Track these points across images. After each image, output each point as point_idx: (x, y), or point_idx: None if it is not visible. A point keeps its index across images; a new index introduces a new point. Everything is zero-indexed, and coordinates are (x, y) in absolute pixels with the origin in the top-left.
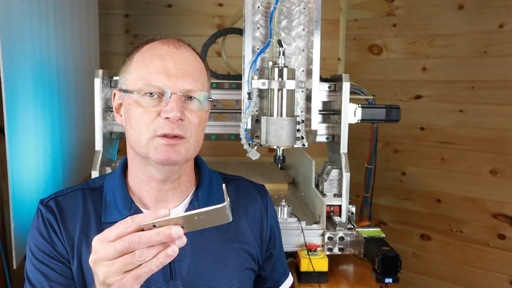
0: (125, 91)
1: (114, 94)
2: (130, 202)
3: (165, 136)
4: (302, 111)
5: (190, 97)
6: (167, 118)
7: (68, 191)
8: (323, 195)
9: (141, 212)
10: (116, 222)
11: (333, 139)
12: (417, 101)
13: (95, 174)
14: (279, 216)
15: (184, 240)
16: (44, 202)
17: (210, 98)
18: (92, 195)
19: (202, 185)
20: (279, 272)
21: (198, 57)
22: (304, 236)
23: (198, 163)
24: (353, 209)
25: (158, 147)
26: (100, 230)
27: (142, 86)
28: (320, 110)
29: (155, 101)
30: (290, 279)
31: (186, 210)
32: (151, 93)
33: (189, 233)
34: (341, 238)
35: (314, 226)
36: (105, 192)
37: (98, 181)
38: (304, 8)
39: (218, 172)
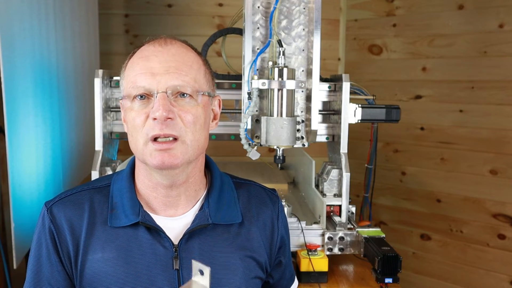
0: (121, 98)
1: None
2: (138, 207)
3: (157, 139)
4: (302, 111)
5: (183, 94)
6: (155, 118)
7: (73, 192)
8: (323, 195)
9: (149, 217)
10: (123, 227)
11: (333, 139)
12: (417, 101)
13: (95, 174)
14: None
15: None
16: (48, 216)
17: (204, 92)
18: (98, 196)
19: (213, 190)
20: (287, 279)
21: (190, 53)
22: (304, 236)
23: (209, 165)
24: (353, 209)
25: (152, 153)
26: (106, 234)
27: (130, 90)
28: (320, 110)
29: (144, 103)
30: (295, 284)
31: (197, 216)
32: (141, 96)
33: (198, 240)
34: (341, 238)
35: (314, 226)
36: (111, 192)
37: (104, 180)
38: (304, 8)
39: (229, 176)
